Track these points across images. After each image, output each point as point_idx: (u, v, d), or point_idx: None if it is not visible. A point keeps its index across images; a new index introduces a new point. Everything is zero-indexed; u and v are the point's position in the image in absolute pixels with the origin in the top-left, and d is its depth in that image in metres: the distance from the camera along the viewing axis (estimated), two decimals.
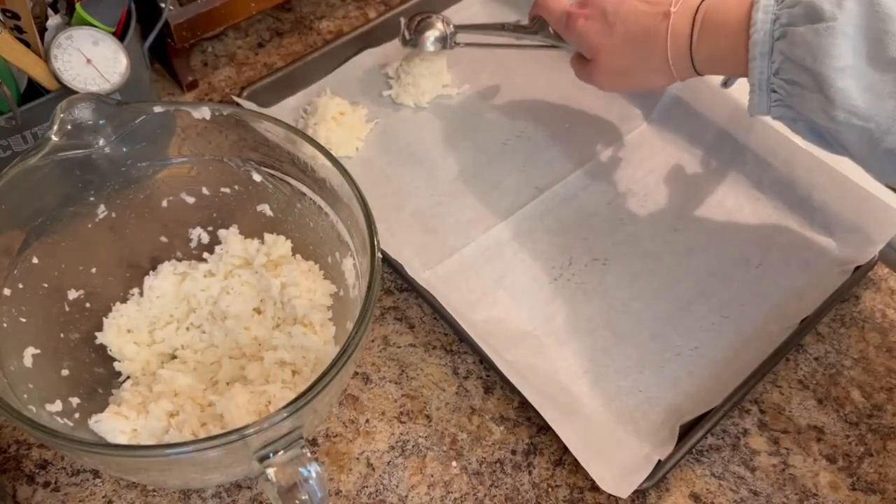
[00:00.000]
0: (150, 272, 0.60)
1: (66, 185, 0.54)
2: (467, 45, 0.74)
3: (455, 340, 0.63)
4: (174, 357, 0.59)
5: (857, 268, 0.66)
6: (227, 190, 0.59)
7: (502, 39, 0.73)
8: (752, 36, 0.53)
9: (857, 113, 0.50)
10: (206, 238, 0.62)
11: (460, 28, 0.73)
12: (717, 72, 0.61)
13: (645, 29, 0.60)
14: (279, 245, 0.59)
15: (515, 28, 0.71)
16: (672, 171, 0.73)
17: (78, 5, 0.57)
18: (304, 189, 0.56)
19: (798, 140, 0.70)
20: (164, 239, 0.61)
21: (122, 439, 0.51)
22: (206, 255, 0.61)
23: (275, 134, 0.55)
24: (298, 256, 0.60)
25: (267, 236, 0.60)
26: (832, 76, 0.50)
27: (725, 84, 0.70)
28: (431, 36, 0.72)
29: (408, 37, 0.72)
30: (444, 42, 0.72)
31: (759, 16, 0.53)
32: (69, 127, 0.50)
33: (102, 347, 0.57)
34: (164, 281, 0.59)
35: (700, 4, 0.58)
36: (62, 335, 0.55)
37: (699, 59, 0.59)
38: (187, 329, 0.59)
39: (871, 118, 0.50)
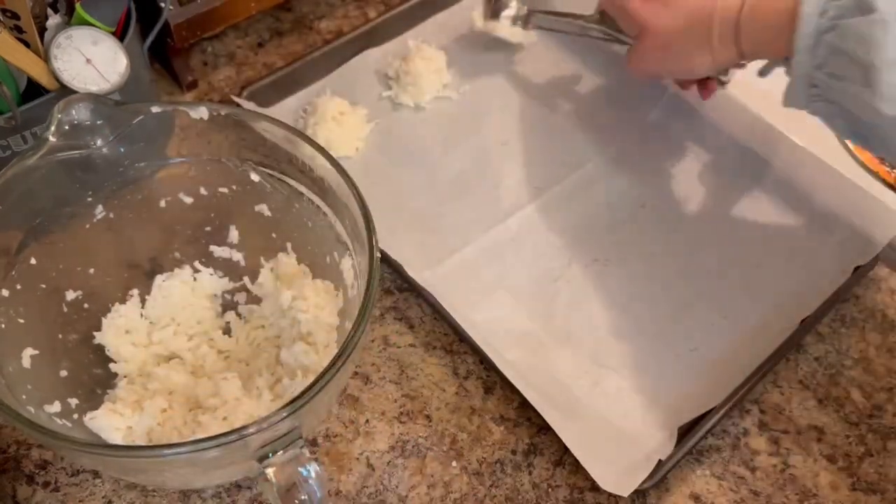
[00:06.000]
0: (160, 274, 0.60)
1: (63, 185, 0.54)
2: (539, 28, 0.77)
3: (455, 340, 0.63)
4: (171, 359, 0.58)
5: (858, 268, 0.66)
6: (225, 190, 0.59)
7: (570, 27, 0.74)
8: (798, 28, 0.52)
9: None
10: (204, 238, 0.61)
11: (533, 12, 0.76)
12: (759, 57, 0.61)
13: (696, 8, 0.60)
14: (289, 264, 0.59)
15: (581, 17, 0.72)
16: (672, 172, 0.73)
17: (78, 5, 0.57)
18: (303, 189, 0.56)
19: (799, 140, 0.71)
20: (162, 239, 0.61)
21: (117, 436, 0.51)
22: (204, 255, 0.61)
23: (273, 134, 0.55)
24: (318, 281, 0.58)
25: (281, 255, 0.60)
26: (883, 69, 0.49)
27: (762, 73, 0.67)
28: (509, 13, 0.76)
29: (489, 13, 0.77)
30: (520, 21, 0.77)
31: (806, 9, 0.52)
32: (66, 127, 0.50)
33: (101, 348, 0.57)
34: (173, 287, 0.59)
35: None
36: (60, 336, 0.55)
37: (744, 41, 0.58)
38: (189, 339, 0.58)
39: None
